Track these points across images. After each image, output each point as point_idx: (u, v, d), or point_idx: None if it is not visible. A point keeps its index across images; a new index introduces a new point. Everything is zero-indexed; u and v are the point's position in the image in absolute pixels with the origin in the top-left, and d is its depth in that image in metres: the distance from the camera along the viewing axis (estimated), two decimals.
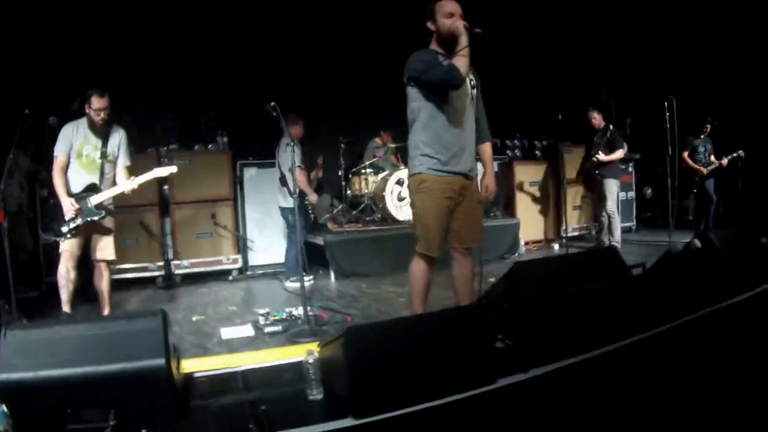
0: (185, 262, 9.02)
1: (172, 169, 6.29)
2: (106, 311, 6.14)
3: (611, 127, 9.74)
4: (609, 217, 9.77)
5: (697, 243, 5.64)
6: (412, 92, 4.53)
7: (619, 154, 9.63)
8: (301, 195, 8.26)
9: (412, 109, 4.58)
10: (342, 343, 3.21)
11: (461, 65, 4.25)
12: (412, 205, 4.76)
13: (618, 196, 9.84)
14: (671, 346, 4.16)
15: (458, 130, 4.51)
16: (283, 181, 8.34)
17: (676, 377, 3.58)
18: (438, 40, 4.52)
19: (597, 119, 9.86)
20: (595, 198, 10.26)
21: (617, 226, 9.80)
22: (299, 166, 8.18)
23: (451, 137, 4.48)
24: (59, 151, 5.86)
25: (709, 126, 10.22)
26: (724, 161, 10.01)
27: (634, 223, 12.50)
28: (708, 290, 5.07)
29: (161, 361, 3.20)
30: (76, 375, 3.09)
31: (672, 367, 3.79)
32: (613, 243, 9.63)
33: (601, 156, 9.65)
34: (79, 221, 5.77)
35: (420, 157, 4.56)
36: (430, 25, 4.51)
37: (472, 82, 4.63)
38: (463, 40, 4.26)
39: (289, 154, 8.16)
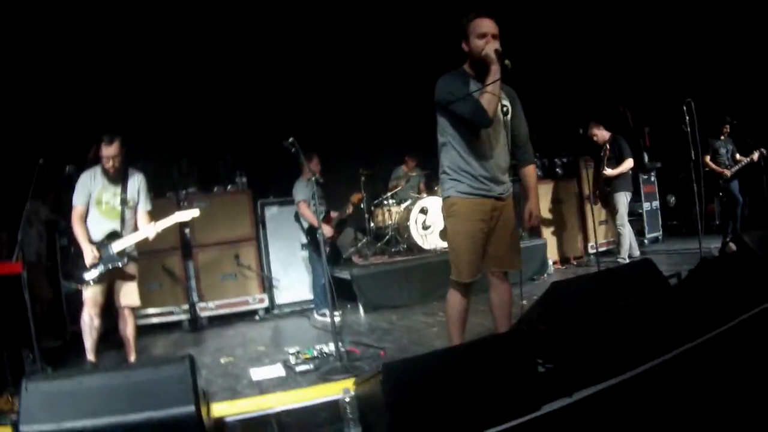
0: (211, 304, 8.94)
1: (195, 212, 6.23)
2: (132, 357, 6.06)
3: (616, 138, 9.64)
4: (619, 231, 9.66)
5: (733, 246, 5.50)
6: (441, 119, 4.45)
7: (628, 164, 9.48)
8: (313, 230, 8.26)
9: (443, 133, 4.48)
10: (380, 380, 3.08)
11: (487, 104, 4.12)
12: (445, 231, 4.68)
13: (626, 209, 9.65)
14: (716, 355, 4.00)
15: (488, 153, 4.39)
16: (296, 217, 8.43)
17: (726, 385, 3.42)
18: (471, 61, 4.38)
19: (599, 133, 9.75)
20: (610, 213, 10.10)
21: (625, 241, 9.66)
22: (302, 200, 8.26)
23: (480, 161, 4.36)
24: (77, 201, 5.84)
25: (728, 126, 10.03)
26: (755, 156, 9.73)
27: (661, 232, 12.30)
28: (748, 294, 4.90)
29: (191, 408, 3.11)
30: (102, 425, 3.01)
31: (721, 375, 3.63)
32: (619, 259, 9.57)
33: (608, 171, 9.53)
34: (101, 268, 5.70)
35: (449, 180, 4.46)
36: (464, 46, 4.36)
37: (505, 108, 4.48)
38: (494, 71, 4.10)
39: (300, 190, 8.17)
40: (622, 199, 9.51)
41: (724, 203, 10.41)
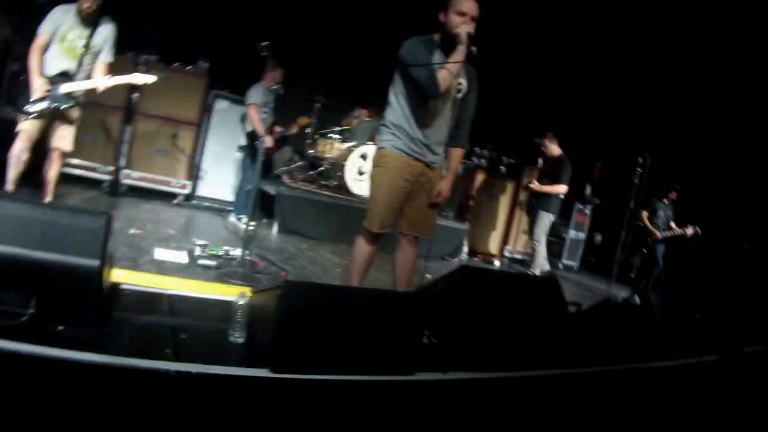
0: (135, 174, 8.92)
1: (152, 78, 6.12)
2: (47, 199, 6.02)
3: (563, 159, 9.56)
4: (533, 246, 9.81)
5: (637, 299, 5.77)
6: (397, 75, 4.58)
7: (558, 188, 9.33)
8: (254, 136, 8.23)
9: (394, 89, 4.63)
10: (278, 294, 3.21)
11: (444, 79, 4.29)
12: (370, 177, 4.82)
13: (545, 228, 9.53)
14: (587, 388, 4.26)
15: (430, 122, 4.57)
16: (242, 119, 8.60)
17: (588, 419, 3.68)
18: (442, 33, 4.50)
19: (551, 147, 9.63)
20: (529, 226, 10.02)
21: (539, 257, 9.63)
22: (254, 104, 8.25)
23: (420, 125, 4.54)
24: (43, 30, 5.70)
25: (675, 194, 10.35)
26: (689, 231, 10.06)
27: (577, 263, 12.60)
28: (635, 347, 5.19)
29: (96, 262, 3.18)
30: (6, 253, 3.04)
31: (585, 408, 3.89)
32: (529, 271, 9.67)
33: (535, 185, 9.52)
34: (46, 104, 5.63)
35: (387, 133, 4.63)
36: (440, 16, 4.47)
37: (461, 86, 4.63)
38: (460, 50, 4.27)
39: (254, 94, 8.17)
40: (544, 220, 9.56)
41: (644, 261, 10.74)
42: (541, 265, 9.65)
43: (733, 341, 6.28)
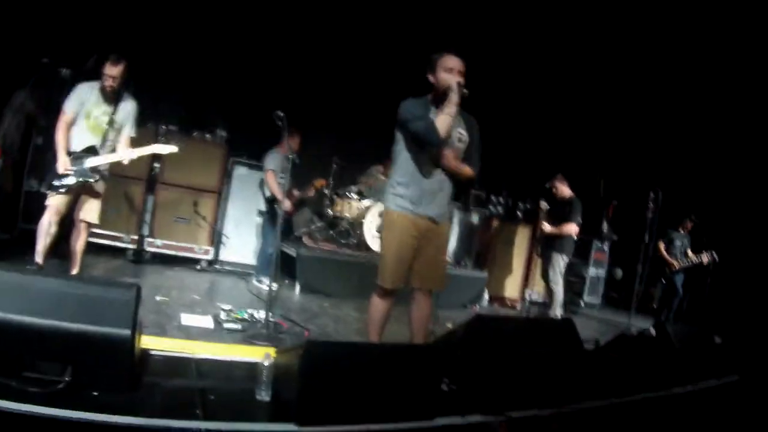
0: (158, 242, 9.12)
1: (173, 148, 6.40)
2: (74, 271, 6.23)
3: (574, 200, 9.48)
4: (552, 288, 9.80)
5: (652, 331, 5.85)
6: (398, 136, 4.79)
7: (568, 228, 9.24)
8: (273, 200, 8.48)
9: (396, 150, 4.84)
10: (301, 353, 3.37)
11: (442, 125, 4.48)
12: (381, 238, 5.03)
13: (561, 270, 9.42)
14: (607, 422, 4.35)
15: (434, 179, 4.75)
16: (261, 184, 8.79)
17: None
18: (434, 92, 4.74)
19: (561, 188, 9.56)
20: (543, 268, 9.83)
21: (557, 298, 9.43)
22: (271, 170, 8.47)
23: (425, 184, 4.72)
24: (68, 108, 5.96)
25: (690, 224, 10.44)
26: (705, 258, 10.14)
27: (600, 300, 12.63)
28: (653, 376, 5.27)
29: (127, 332, 3.35)
30: (43, 326, 3.22)
31: None
32: (550, 313, 9.63)
33: (546, 226, 9.45)
34: (72, 180, 5.87)
35: (393, 195, 4.81)
36: (429, 77, 4.74)
37: (462, 137, 4.83)
38: (453, 98, 4.49)
39: (272, 159, 8.39)
40: (558, 261, 9.61)
41: (664, 291, 10.77)
42: (561, 306, 9.69)
43: (754, 360, 6.33)
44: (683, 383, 5.37)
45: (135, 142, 6.33)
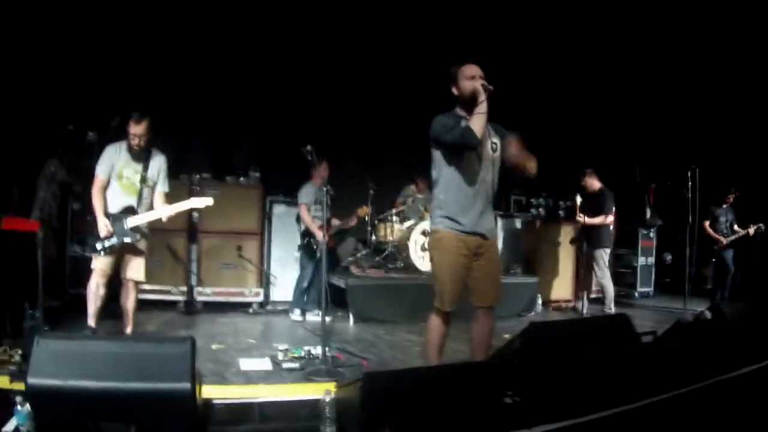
0: (208, 290, 9.20)
1: (209, 201, 6.37)
2: (129, 329, 6.30)
3: (603, 191, 9.83)
4: (601, 284, 9.92)
5: (707, 314, 5.73)
6: (436, 154, 4.75)
7: (602, 218, 9.62)
8: (308, 233, 8.61)
9: (436, 170, 4.80)
10: (360, 386, 3.35)
11: (476, 125, 4.44)
12: (431, 259, 4.98)
13: (605, 263, 9.83)
14: (676, 413, 4.25)
15: (477, 192, 4.70)
16: (297, 218, 8.91)
17: None
18: (461, 102, 4.73)
19: (590, 182, 9.92)
20: (587, 262, 10.16)
21: (609, 292, 9.86)
22: (304, 204, 8.60)
23: (470, 200, 4.67)
24: (100, 171, 6.06)
25: (732, 196, 10.31)
26: (751, 230, 10.03)
27: (652, 288, 12.49)
28: (716, 360, 5.15)
29: (187, 385, 3.34)
30: (103, 388, 3.23)
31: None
32: (605, 309, 9.79)
33: (581, 218, 9.70)
34: (114, 241, 5.94)
35: (438, 215, 4.77)
36: (454, 90, 4.74)
37: (495, 146, 4.80)
38: (481, 99, 4.46)
39: (305, 193, 8.44)
40: (601, 255, 9.69)
41: (716, 269, 10.63)
42: (612, 299, 9.66)
43: None
44: (746, 363, 5.24)
45: (170, 195, 6.40)
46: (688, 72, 11.34)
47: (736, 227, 10.25)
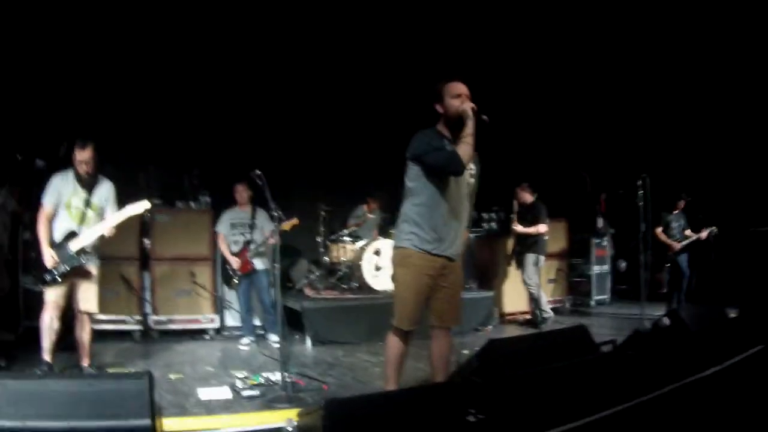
0: (163, 318, 9.08)
1: (145, 204, 6.31)
2: (85, 362, 6.26)
3: (536, 203, 10.03)
4: (530, 291, 10.05)
5: (666, 321, 5.81)
6: (413, 170, 4.67)
7: (537, 228, 9.84)
8: (224, 261, 8.81)
9: (410, 186, 4.72)
10: (321, 414, 3.33)
11: (464, 153, 4.41)
12: (393, 277, 4.92)
13: (534, 270, 9.96)
14: (639, 421, 4.31)
15: (451, 215, 4.67)
16: None
17: None
18: (445, 121, 4.68)
19: (522, 195, 10.12)
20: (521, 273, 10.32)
21: (543, 299, 10.02)
22: (218, 231, 8.88)
23: (442, 222, 4.63)
24: (47, 202, 6.02)
25: (682, 202, 10.50)
26: (704, 234, 10.22)
27: (609, 295, 12.61)
28: (676, 366, 5.23)
29: (147, 421, 3.30)
30: (63, 429, 3.18)
31: None
32: (543, 315, 9.96)
33: (518, 227, 10.01)
34: (62, 269, 5.88)
35: (408, 232, 4.69)
36: (438, 108, 4.67)
37: (472, 171, 4.83)
38: (470, 125, 4.43)
39: (219, 222, 8.83)
40: (532, 261, 9.89)
41: (671, 274, 10.80)
42: (546, 304, 9.91)
43: None
44: (706, 366, 5.33)
45: (120, 224, 6.31)
46: (636, 82, 11.56)
47: (688, 232, 10.44)
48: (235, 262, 8.56)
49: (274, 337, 8.48)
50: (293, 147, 11.12)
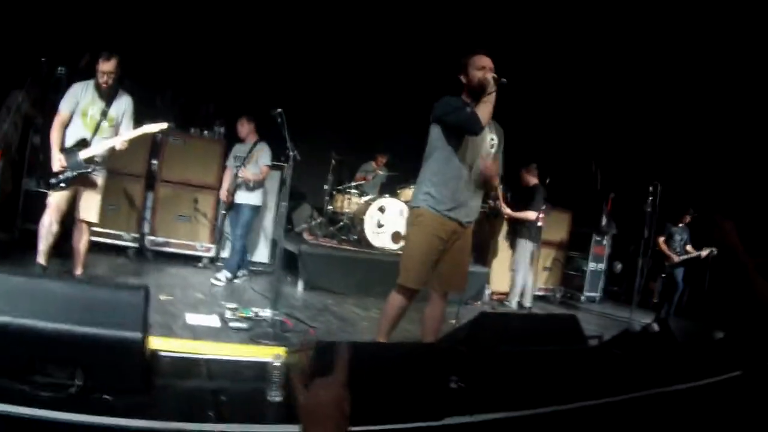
0: (160, 239, 9.13)
1: (162, 125, 6.42)
2: (78, 270, 6.27)
3: (537, 187, 9.97)
4: (513, 274, 10.07)
5: (655, 327, 5.85)
6: (435, 132, 4.75)
7: (526, 214, 9.83)
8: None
9: (431, 147, 4.80)
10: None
11: (483, 113, 4.49)
12: (405, 235, 5.04)
13: (524, 256, 9.97)
14: (613, 418, 4.35)
15: (467, 181, 4.73)
16: None
17: None
18: (468, 91, 4.76)
19: (526, 177, 10.09)
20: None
21: (515, 287, 10.04)
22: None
23: (458, 186, 4.69)
24: (64, 107, 6.00)
25: (689, 217, 10.50)
26: (704, 253, 10.25)
27: (599, 294, 12.59)
28: (657, 373, 5.28)
29: (138, 335, 3.32)
30: (53, 329, 3.18)
31: None
32: (505, 302, 10.05)
33: (506, 210, 10.06)
34: (69, 174, 5.89)
35: (424, 193, 4.76)
36: (462, 78, 4.77)
37: (493, 141, 4.86)
38: (490, 90, 4.50)
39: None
40: (524, 247, 9.89)
41: (664, 285, 10.83)
42: (519, 296, 9.87)
43: (757, 356, 6.33)
44: (686, 380, 5.38)
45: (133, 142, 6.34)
46: (665, 89, 11.46)
47: (689, 248, 10.46)
48: (223, 194, 8.55)
49: (223, 274, 8.25)
50: (314, 89, 11.04)
